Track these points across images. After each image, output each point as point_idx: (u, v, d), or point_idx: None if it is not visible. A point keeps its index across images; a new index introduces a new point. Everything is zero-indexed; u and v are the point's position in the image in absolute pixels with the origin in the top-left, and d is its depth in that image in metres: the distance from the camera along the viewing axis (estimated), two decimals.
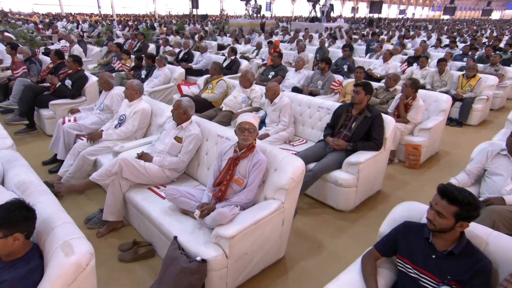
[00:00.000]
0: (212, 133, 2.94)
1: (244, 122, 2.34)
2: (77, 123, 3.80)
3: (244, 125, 2.33)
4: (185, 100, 2.94)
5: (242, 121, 2.35)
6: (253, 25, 18.10)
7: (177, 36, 11.52)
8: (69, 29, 15.63)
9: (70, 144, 3.71)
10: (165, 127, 3.08)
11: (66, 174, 3.29)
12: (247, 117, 2.37)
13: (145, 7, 42.15)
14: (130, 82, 3.52)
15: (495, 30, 20.56)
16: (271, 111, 3.85)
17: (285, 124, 3.76)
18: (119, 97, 4.00)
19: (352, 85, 5.01)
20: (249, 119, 2.35)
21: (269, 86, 3.80)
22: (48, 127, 4.76)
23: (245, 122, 2.34)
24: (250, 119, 2.36)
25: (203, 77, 5.31)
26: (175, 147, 2.89)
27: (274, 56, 5.97)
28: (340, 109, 3.42)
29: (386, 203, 3.32)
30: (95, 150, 3.33)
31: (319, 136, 3.79)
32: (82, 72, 4.85)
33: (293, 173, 2.30)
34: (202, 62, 7.24)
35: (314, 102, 3.90)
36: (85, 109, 4.23)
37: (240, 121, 2.36)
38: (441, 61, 5.81)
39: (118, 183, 2.70)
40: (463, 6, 70.27)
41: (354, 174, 3.01)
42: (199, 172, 2.97)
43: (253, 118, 2.38)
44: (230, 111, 4.36)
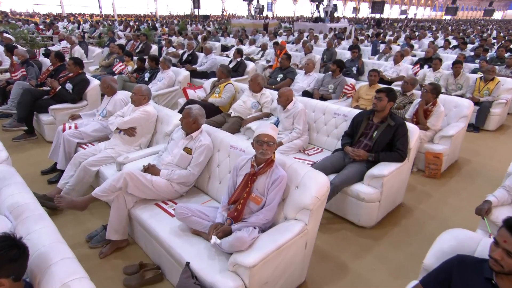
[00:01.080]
0: (224, 144, 2.71)
1: (263, 135, 2.11)
2: (78, 130, 3.58)
3: (263, 138, 2.11)
4: (195, 108, 2.71)
5: (260, 133, 2.12)
6: (255, 25, 17.86)
7: (179, 37, 11.30)
8: (70, 29, 15.45)
9: (70, 153, 3.50)
10: (173, 136, 2.86)
11: (66, 187, 3.07)
12: (265, 129, 2.14)
13: (146, 7, 41.98)
14: (138, 86, 3.29)
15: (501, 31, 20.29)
16: (284, 118, 3.62)
17: (299, 132, 3.54)
18: (122, 102, 3.78)
19: (365, 89, 4.82)
20: (268, 131, 2.13)
21: (282, 92, 3.58)
22: (47, 133, 4.54)
23: (264, 135, 2.11)
24: (269, 131, 2.13)
25: (209, 80, 5.09)
26: (184, 159, 2.67)
27: (283, 58, 5.75)
28: (359, 116, 3.19)
29: (409, 217, 3.09)
30: (97, 161, 3.10)
31: (336, 144, 3.56)
32: (83, 75, 4.63)
33: (317, 191, 2.07)
34: (207, 64, 7.02)
35: (330, 108, 3.67)
36: (86, 115, 4.01)
37: (258, 133, 2.14)
38: (456, 64, 5.58)
39: (123, 199, 2.47)
40: (464, 6, 70.01)
41: (378, 188, 2.79)
42: (210, 185, 2.74)
43: (272, 130, 2.15)
44: (239, 117, 4.14)
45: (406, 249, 2.66)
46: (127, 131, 3.26)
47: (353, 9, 50.47)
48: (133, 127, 3.28)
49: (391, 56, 8.13)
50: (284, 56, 5.75)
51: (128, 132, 3.26)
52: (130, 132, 3.27)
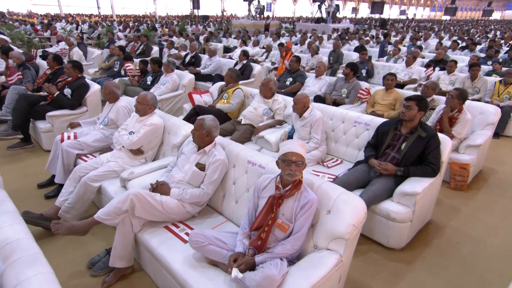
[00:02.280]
0: (241, 159, 2.44)
1: (291, 153, 1.85)
2: (77, 140, 3.31)
3: (291, 157, 1.84)
4: (209, 119, 2.45)
5: (288, 152, 1.86)
6: (256, 25, 17.61)
7: (180, 38, 11.02)
8: (68, 30, 15.17)
9: (69, 165, 3.23)
10: (183, 150, 2.59)
11: (65, 204, 2.79)
12: (293, 146, 1.87)
13: (145, 8, 41.64)
14: (143, 95, 3.02)
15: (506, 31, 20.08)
16: (300, 127, 3.36)
17: (317, 142, 3.28)
18: (125, 109, 3.51)
19: (381, 93, 4.56)
20: (296, 149, 1.86)
21: (298, 98, 3.32)
22: (45, 142, 4.26)
23: (292, 153, 1.85)
24: (298, 148, 1.87)
25: (216, 84, 4.82)
26: (197, 176, 2.40)
27: (292, 60, 5.48)
28: (385, 126, 2.93)
29: (440, 236, 2.83)
30: (99, 176, 2.83)
31: (357, 155, 3.31)
32: (82, 80, 4.36)
33: (353, 218, 1.81)
34: (211, 67, 6.76)
35: (349, 116, 3.41)
36: (86, 123, 3.73)
37: (285, 152, 1.87)
38: (474, 66, 5.33)
39: (129, 222, 2.20)
40: (463, 6, 69.95)
41: (410, 206, 2.53)
42: (225, 205, 2.47)
43: (301, 147, 1.89)
44: (250, 125, 3.87)
45: (443, 275, 2.40)
46: (133, 151, 3.00)
47: (352, 9, 50.32)
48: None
49: (400, 57, 7.91)
50: (294, 59, 5.48)
51: (134, 153, 3.00)
52: (137, 153, 3.01)
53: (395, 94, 4.43)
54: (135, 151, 3.01)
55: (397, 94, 4.42)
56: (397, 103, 4.39)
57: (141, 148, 3.03)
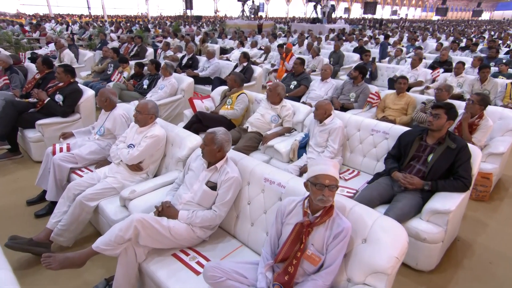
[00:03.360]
0: (256, 175, 2.19)
1: (324, 176, 1.60)
2: (71, 153, 3.02)
3: (323, 180, 1.60)
4: (221, 132, 2.19)
5: (320, 174, 1.61)
6: (251, 26, 17.37)
7: (175, 39, 10.71)
8: (58, 31, 14.71)
9: (62, 180, 2.94)
10: (191, 166, 2.32)
11: (58, 226, 2.50)
12: (326, 167, 1.63)
13: (137, 8, 41.08)
14: (143, 104, 2.75)
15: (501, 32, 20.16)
16: (318, 132, 3.13)
17: (333, 151, 3.04)
18: (123, 118, 3.23)
19: (392, 97, 4.35)
20: (330, 171, 1.62)
21: (320, 104, 3.09)
22: (34, 152, 3.95)
23: (325, 176, 1.60)
24: (331, 170, 1.63)
25: (218, 89, 4.55)
26: (208, 197, 2.14)
27: (296, 63, 5.25)
28: (408, 136, 2.70)
29: (471, 255, 2.62)
30: (96, 194, 2.55)
31: (375, 166, 3.08)
32: (75, 85, 4.05)
33: (396, 249, 1.58)
34: (210, 69, 6.48)
35: (366, 124, 3.18)
36: (80, 133, 3.44)
37: (317, 173, 1.62)
38: (483, 68, 5.15)
39: (133, 251, 1.94)
40: (454, 7, 70.71)
41: (441, 225, 2.30)
42: (240, 227, 2.22)
43: (334, 168, 1.65)
44: (257, 133, 3.62)
45: None
46: (132, 167, 2.72)
47: (344, 10, 50.39)
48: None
49: (403, 59, 7.73)
50: (298, 61, 5.24)
51: (133, 168, 2.72)
52: (136, 169, 2.73)
53: (407, 98, 4.22)
54: (134, 166, 2.73)
55: (409, 98, 4.21)
56: (409, 108, 4.18)
57: (141, 163, 2.75)
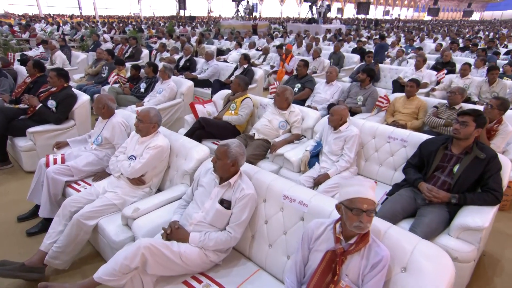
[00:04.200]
0: (274, 192, 1.99)
1: (361, 199, 1.41)
2: (66, 165, 2.78)
3: (361, 205, 1.41)
4: (234, 145, 1.98)
5: (357, 197, 1.42)
6: (246, 26, 17.17)
7: (170, 40, 10.46)
8: (49, 31, 14.32)
9: (56, 195, 2.71)
10: (201, 181, 2.11)
11: (53, 248, 2.27)
12: (364, 190, 1.44)
13: (129, 8, 40.57)
14: (145, 112, 2.53)
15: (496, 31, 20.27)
16: (333, 139, 2.94)
17: (349, 161, 2.86)
18: (122, 126, 3.01)
19: (402, 101, 4.18)
20: (368, 194, 1.43)
21: (336, 110, 2.91)
22: (25, 162, 3.69)
23: (363, 200, 1.41)
24: (369, 193, 1.44)
25: (220, 93, 4.34)
26: (222, 216, 1.94)
27: (300, 65, 5.06)
28: (431, 144, 2.53)
29: (500, 272, 2.46)
30: (96, 211, 2.32)
31: (392, 176, 2.90)
32: (69, 90, 3.80)
33: (443, 281, 1.40)
34: (209, 71, 6.27)
35: (382, 130, 3.00)
36: (75, 142, 3.21)
37: (353, 197, 1.43)
38: (492, 70, 5.02)
39: (139, 281, 1.73)
40: (445, 7, 71.41)
41: (473, 243, 2.13)
42: (256, 249, 2.02)
43: (372, 190, 1.46)
44: (264, 140, 3.42)
45: None
46: (133, 180, 2.50)
47: (337, 10, 50.45)
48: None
49: (404, 60, 7.60)
50: (301, 63, 5.06)
51: (135, 182, 2.51)
52: (138, 183, 2.51)
53: (418, 102, 4.06)
54: (136, 180, 2.51)
55: (420, 102, 4.06)
56: (420, 112, 4.02)
57: (143, 176, 2.53)
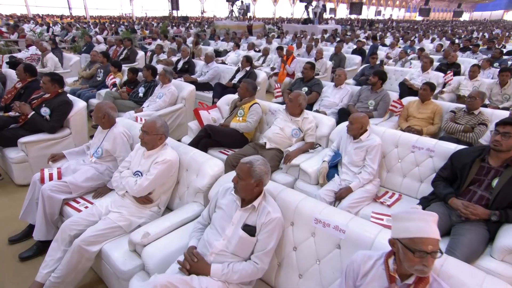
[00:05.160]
0: (304, 215, 1.77)
1: (425, 240, 1.20)
2: (63, 181, 2.52)
3: (425, 246, 1.19)
4: (259, 162, 1.76)
5: (421, 237, 1.20)
6: (240, 27, 16.93)
7: (166, 41, 10.17)
8: (39, 32, 13.90)
9: (53, 215, 2.45)
10: (219, 202, 1.88)
11: (50, 279, 2.02)
12: (426, 227, 1.22)
13: (120, 9, 39.97)
14: (151, 122, 2.29)
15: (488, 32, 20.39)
16: (353, 150, 2.74)
17: (372, 172, 2.65)
18: (124, 137, 2.75)
19: (416, 105, 4.00)
20: (432, 232, 1.22)
21: (355, 117, 2.71)
22: (17, 175, 3.41)
23: (427, 240, 1.20)
24: (433, 229, 1.23)
25: (226, 98, 4.10)
26: (246, 244, 1.71)
27: (306, 67, 4.85)
28: (465, 156, 2.34)
29: None
30: (99, 235, 2.07)
31: (418, 189, 2.70)
32: (64, 97, 3.53)
33: None
34: (209, 74, 6.02)
35: (405, 139, 2.80)
36: (72, 154, 2.95)
37: (415, 236, 1.21)
38: (504, 71, 4.88)
39: None
40: (436, 7, 72.11)
41: None
42: (283, 279, 1.80)
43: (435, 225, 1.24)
44: (277, 149, 3.20)
45: None
46: (140, 199, 2.26)
47: (329, 10, 50.46)
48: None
49: (407, 61, 7.46)
50: (308, 66, 4.85)
51: (141, 201, 2.26)
52: (145, 201, 2.27)
53: (433, 106, 3.89)
54: (142, 198, 2.27)
55: (435, 107, 3.88)
56: (435, 117, 3.85)
57: (150, 194, 2.28)
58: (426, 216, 1.25)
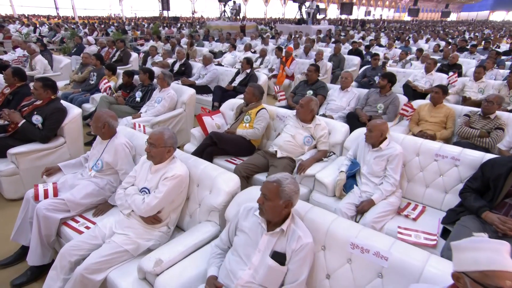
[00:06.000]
0: (338, 239, 1.59)
1: (500, 274, 1.02)
2: (60, 198, 2.29)
3: (502, 281, 1.02)
4: (288, 181, 1.57)
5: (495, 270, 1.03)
6: (233, 27, 16.72)
7: (159, 42, 9.90)
8: (25, 33, 13.44)
9: (50, 236, 2.22)
10: (241, 225, 1.68)
11: None
12: (501, 258, 1.05)
13: (109, 9, 39.29)
14: (158, 134, 2.07)
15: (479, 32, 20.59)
16: (373, 159, 2.56)
17: (395, 183, 2.48)
18: (126, 148, 2.53)
19: (427, 109, 3.86)
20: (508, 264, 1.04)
21: (374, 125, 2.54)
22: (7, 189, 3.14)
23: (503, 274, 1.02)
24: (508, 261, 1.05)
25: (230, 103, 3.90)
26: (276, 274, 1.51)
27: (310, 70, 4.68)
28: (498, 167, 2.18)
29: None
30: (103, 261, 1.85)
31: (442, 200, 2.54)
32: (57, 103, 3.28)
33: None
34: (207, 76, 5.80)
35: (427, 147, 2.64)
36: (69, 167, 2.70)
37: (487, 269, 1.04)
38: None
39: None
40: (424, 8, 73.07)
41: None
42: None
43: (508, 255, 1.07)
44: (289, 158, 3.01)
45: None
46: (149, 218, 2.04)
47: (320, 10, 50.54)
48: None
49: (408, 62, 7.36)
50: (312, 68, 4.68)
51: (149, 221, 2.04)
52: (154, 221, 2.05)
53: (446, 110, 3.75)
54: (150, 218, 2.05)
55: (448, 110, 3.74)
56: (448, 121, 3.71)
57: (159, 213, 2.07)
58: (498, 245, 1.08)
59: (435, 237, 2.15)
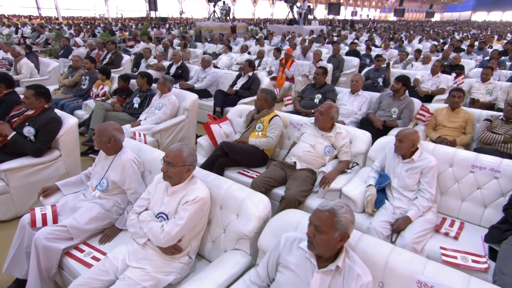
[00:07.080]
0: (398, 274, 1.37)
1: None
2: (62, 225, 2.00)
3: None
4: (344, 210, 1.34)
5: None
6: (224, 28, 16.44)
7: (150, 43, 9.54)
8: (6, 34, 12.86)
9: (50, 269, 1.94)
10: (284, 259, 1.44)
11: None
12: None
13: (93, 9, 38.34)
14: (175, 151, 1.80)
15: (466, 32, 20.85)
16: (405, 172, 2.36)
17: (431, 198, 2.28)
18: (135, 165, 2.26)
19: (445, 113, 3.70)
20: None
21: (405, 134, 2.33)
22: None
23: None
24: None
25: (239, 109, 3.65)
26: None
27: (318, 73, 4.46)
28: None
29: None
30: None
31: (482, 215, 2.35)
32: (51, 113, 2.96)
33: None
34: (207, 80, 5.53)
35: (461, 157, 2.45)
36: (68, 186, 2.41)
37: None
38: None
39: None
40: (409, 8, 74.22)
41: None
42: None
43: None
44: (309, 170, 2.78)
45: None
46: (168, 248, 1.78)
47: None
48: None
49: (409, 63, 7.25)
50: (320, 71, 4.47)
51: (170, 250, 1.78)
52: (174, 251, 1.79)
53: (465, 114, 3.59)
54: (170, 248, 1.78)
55: (467, 115, 3.59)
56: (467, 126, 3.56)
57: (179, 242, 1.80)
58: None
59: (485, 259, 1.96)
